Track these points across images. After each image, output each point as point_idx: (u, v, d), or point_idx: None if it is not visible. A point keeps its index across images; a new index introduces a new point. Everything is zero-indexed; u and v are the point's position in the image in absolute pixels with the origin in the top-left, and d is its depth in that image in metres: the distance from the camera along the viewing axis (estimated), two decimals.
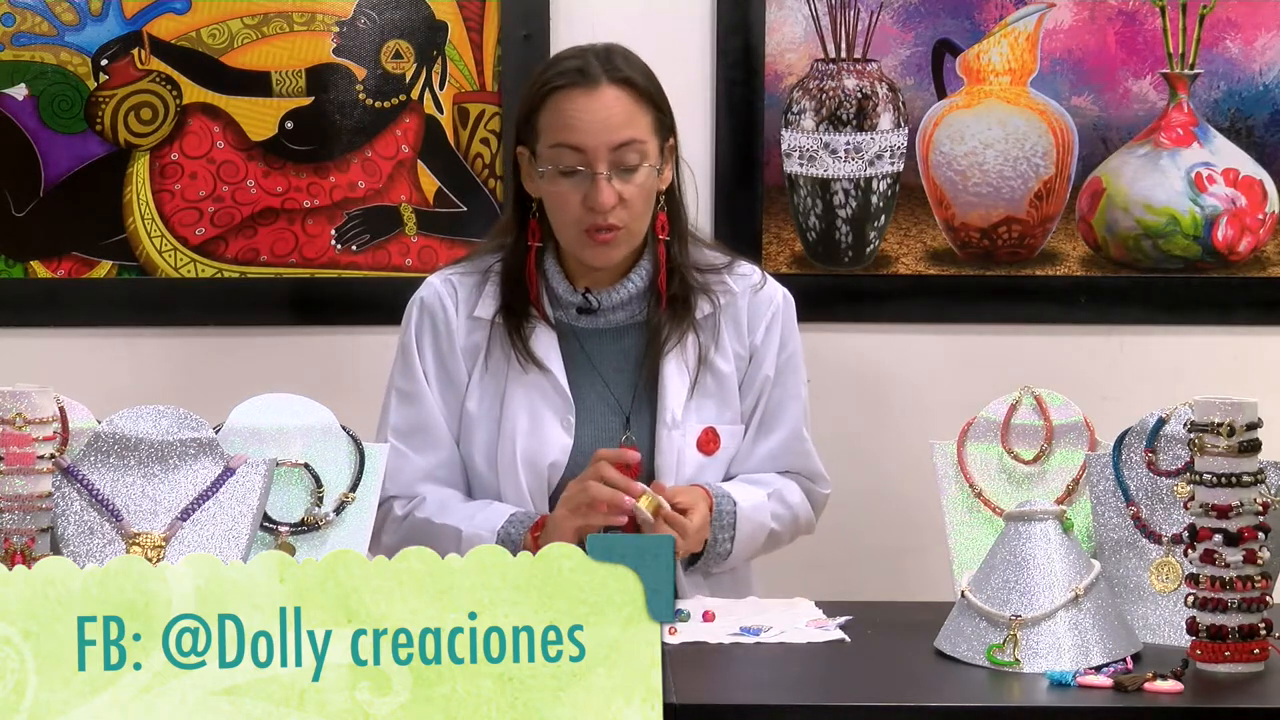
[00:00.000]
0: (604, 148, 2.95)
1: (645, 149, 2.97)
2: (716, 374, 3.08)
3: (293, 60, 3.62)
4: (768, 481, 3.09)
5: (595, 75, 2.97)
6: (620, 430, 3.06)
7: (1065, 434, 2.90)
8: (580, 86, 2.97)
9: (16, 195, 3.62)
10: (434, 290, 3.09)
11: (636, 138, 2.96)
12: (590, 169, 2.95)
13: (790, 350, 3.13)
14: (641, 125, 2.98)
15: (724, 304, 3.09)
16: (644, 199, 2.99)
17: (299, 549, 2.67)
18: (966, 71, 3.69)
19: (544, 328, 3.05)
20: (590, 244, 2.98)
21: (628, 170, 2.96)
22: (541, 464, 3.02)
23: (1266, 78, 3.70)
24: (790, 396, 3.13)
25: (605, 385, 3.07)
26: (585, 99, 2.96)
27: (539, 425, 3.03)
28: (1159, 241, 3.72)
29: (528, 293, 3.05)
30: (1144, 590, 2.66)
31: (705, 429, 3.07)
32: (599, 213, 2.95)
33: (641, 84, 3.00)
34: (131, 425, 2.59)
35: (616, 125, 2.96)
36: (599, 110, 2.96)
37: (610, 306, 3.06)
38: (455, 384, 3.08)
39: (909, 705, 2.34)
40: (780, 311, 3.13)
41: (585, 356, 3.07)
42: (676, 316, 3.06)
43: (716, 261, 3.12)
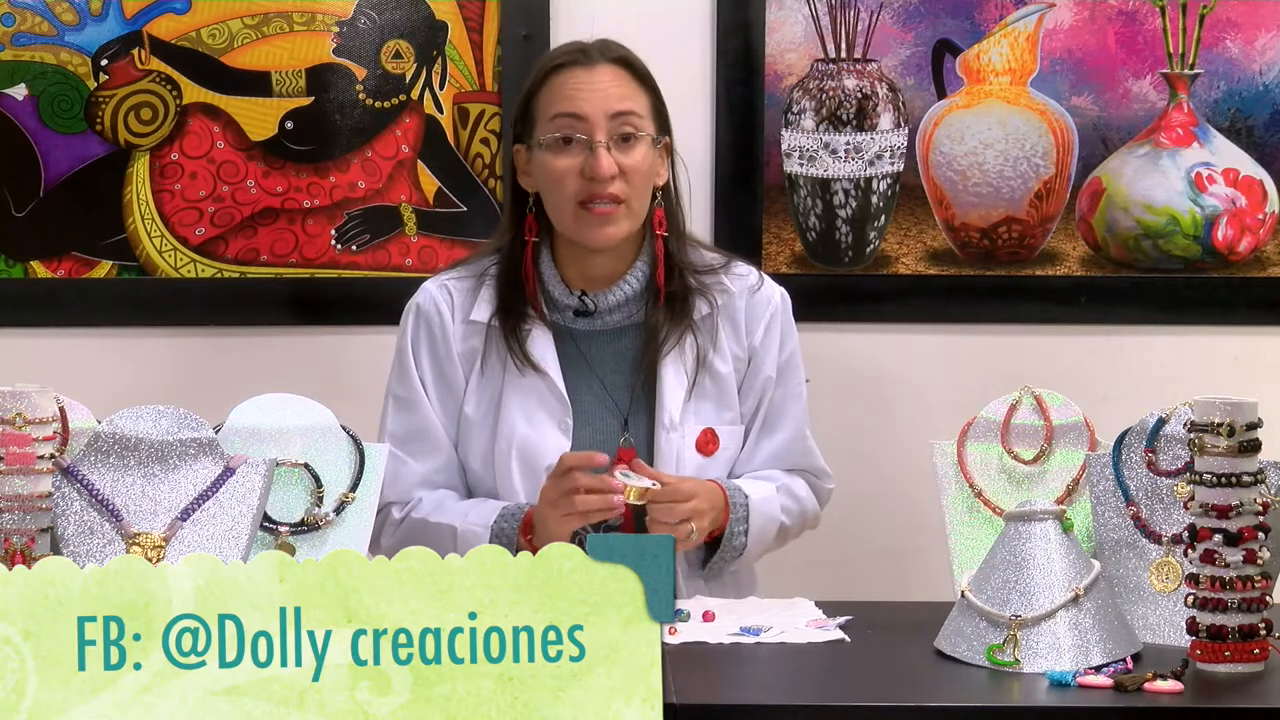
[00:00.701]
0: (602, 115, 2.98)
1: (643, 124, 3.01)
2: (714, 375, 3.08)
3: (293, 60, 3.62)
4: (774, 476, 3.10)
5: (593, 54, 3.03)
6: (618, 432, 3.06)
7: (1065, 434, 2.90)
8: (579, 64, 3.02)
9: (16, 195, 3.62)
10: (429, 296, 3.09)
11: (634, 110, 3.00)
12: (590, 137, 2.97)
13: (789, 350, 3.14)
14: (639, 102, 3.02)
15: (721, 305, 3.09)
16: (642, 175, 3.01)
17: (299, 549, 2.67)
18: (966, 71, 3.69)
19: (540, 330, 3.05)
20: (589, 219, 2.99)
21: (626, 140, 2.99)
22: (539, 466, 3.02)
23: (1266, 78, 3.70)
24: (792, 396, 3.13)
25: (603, 387, 3.07)
26: (584, 73, 3.01)
27: (536, 428, 3.03)
28: (1159, 241, 3.72)
29: (524, 290, 3.05)
30: (1144, 590, 2.66)
31: (704, 430, 3.07)
32: (598, 181, 2.96)
33: (639, 68, 3.05)
34: (131, 425, 2.59)
35: (615, 96, 3.00)
36: (597, 81, 3.01)
37: (607, 308, 3.06)
38: (453, 389, 3.08)
39: (909, 705, 2.34)
40: (778, 311, 3.13)
41: (582, 358, 3.07)
42: (674, 317, 3.06)
43: (713, 262, 3.12)
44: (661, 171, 3.06)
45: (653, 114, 3.04)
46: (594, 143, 2.97)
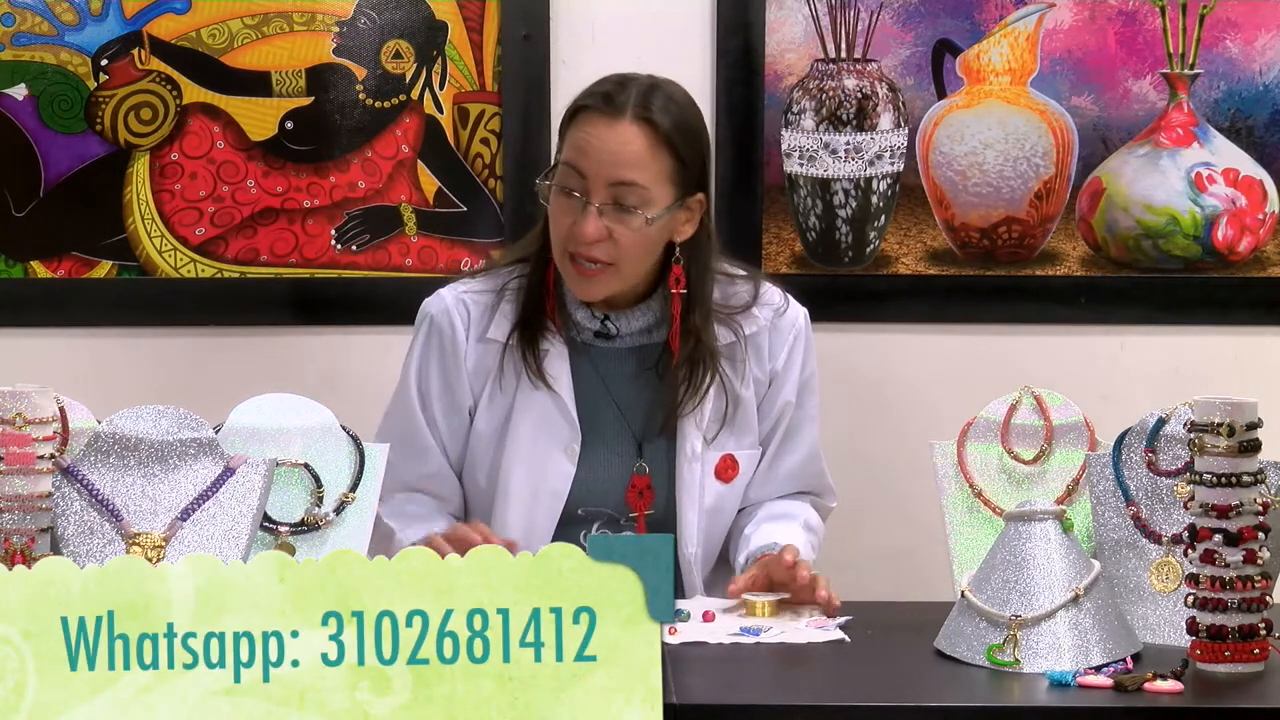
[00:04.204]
0: (602, 180, 2.89)
1: (648, 196, 2.90)
2: (737, 402, 3.05)
3: (293, 60, 3.62)
4: (791, 514, 3.06)
5: (621, 107, 2.91)
6: (633, 457, 3.04)
7: (1065, 434, 2.90)
8: (603, 113, 2.91)
9: (16, 195, 3.62)
10: (445, 309, 3.04)
11: (639, 182, 2.89)
12: (584, 196, 2.90)
13: (809, 372, 3.11)
14: (650, 171, 2.90)
15: (749, 335, 3.05)
16: (639, 244, 2.92)
17: (299, 549, 2.67)
18: (966, 71, 3.69)
19: (558, 347, 3.01)
20: (574, 274, 2.94)
21: (623, 210, 2.90)
22: (542, 491, 3.00)
23: (1266, 78, 3.70)
24: (808, 418, 3.12)
25: (619, 411, 3.03)
26: (603, 127, 2.90)
27: (541, 452, 3.00)
28: (1159, 241, 3.72)
29: (545, 305, 3.00)
30: (1144, 590, 2.66)
31: (724, 456, 3.05)
32: (580, 243, 2.90)
33: (666, 130, 2.91)
34: (131, 425, 2.59)
35: (623, 163, 2.89)
36: (611, 142, 2.89)
37: (629, 332, 3.02)
38: (459, 407, 3.04)
39: (909, 705, 2.34)
40: (801, 334, 3.09)
41: (599, 379, 3.03)
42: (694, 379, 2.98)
43: (745, 298, 3.04)
44: (684, 229, 2.97)
45: (670, 179, 2.92)
46: (586, 204, 2.89)
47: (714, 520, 3.05)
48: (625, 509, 3.02)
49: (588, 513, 3.02)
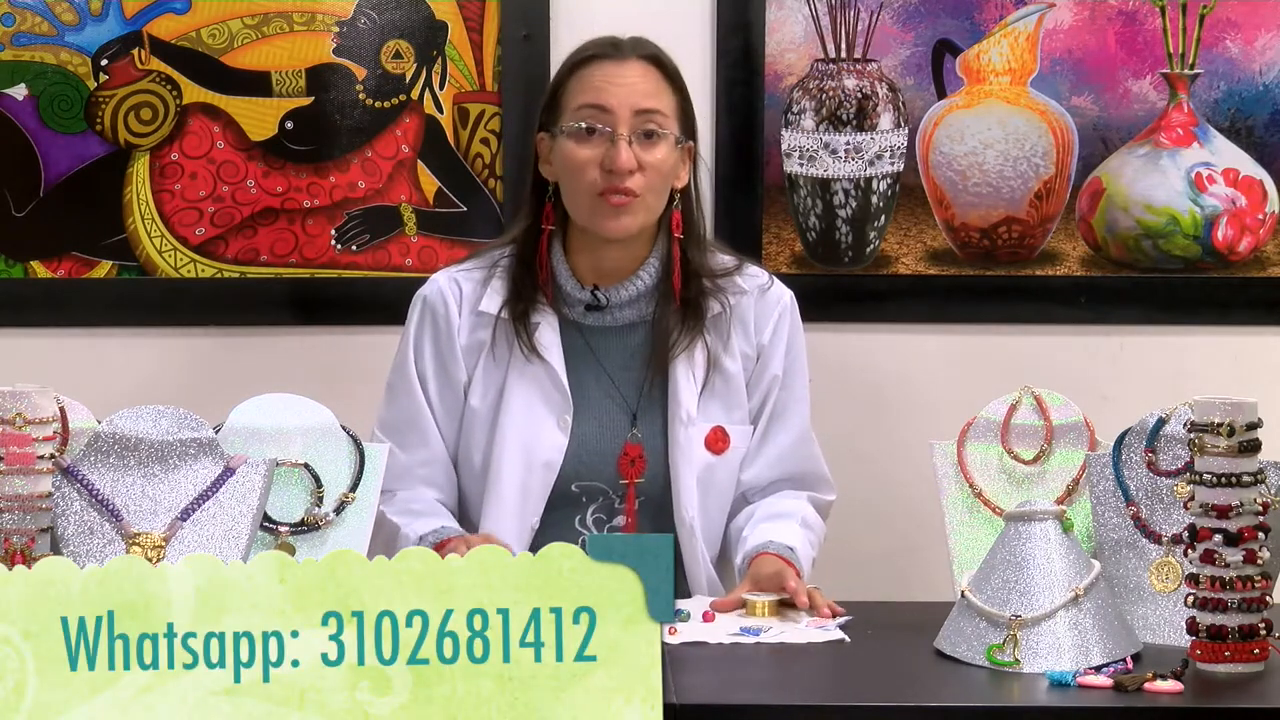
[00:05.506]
0: (628, 110, 3.00)
1: (667, 123, 3.02)
2: (724, 374, 3.09)
3: (293, 60, 3.62)
4: (789, 512, 3.07)
5: (624, 49, 3.06)
6: (626, 427, 3.06)
7: (1065, 434, 2.90)
8: (610, 57, 3.05)
9: (16, 195, 3.62)
10: (437, 288, 3.10)
11: (660, 109, 3.02)
12: (613, 129, 2.99)
13: (796, 350, 3.14)
14: (665, 101, 3.04)
15: (733, 305, 3.09)
16: (661, 174, 3.02)
17: (299, 549, 2.67)
18: (966, 71, 3.69)
19: (548, 320, 3.06)
20: (605, 209, 3.00)
21: (649, 137, 3.00)
22: (535, 463, 3.02)
23: (1266, 78, 3.70)
24: (796, 398, 3.13)
25: (612, 382, 3.07)
26: (614, 66, 3.04)
27: (534, 423, 3.03)
28: (1159, 241, 3.72)
29: (537, 277, 3.05)
30: (1144, 590, 2.66)
31: (714, 428, 3.07)
32: (617, 174, 2.98)
33: (669, 68, 3.07)
34: (131, 425, 2.59)
35: (642, 93, 3.02)
36: (626, 76, 3.03)
37: (618, 303, 3.06)
38: (454, 384, 3.07)
39: (909, 705, 2.34)
40: (787, 311, 3.14)
41: (591, 353, 3.07)
42: (688, 320, 3.06)
43: (728, 265, 3.13)
44: (682, 174, 3.08)
45: (678, 115, 3.05)
46: (616, 135, 2.99)
47: (710, 492, 3.07)
48: (617, 480, 3.03)
49: (581, 489, 3.04)
